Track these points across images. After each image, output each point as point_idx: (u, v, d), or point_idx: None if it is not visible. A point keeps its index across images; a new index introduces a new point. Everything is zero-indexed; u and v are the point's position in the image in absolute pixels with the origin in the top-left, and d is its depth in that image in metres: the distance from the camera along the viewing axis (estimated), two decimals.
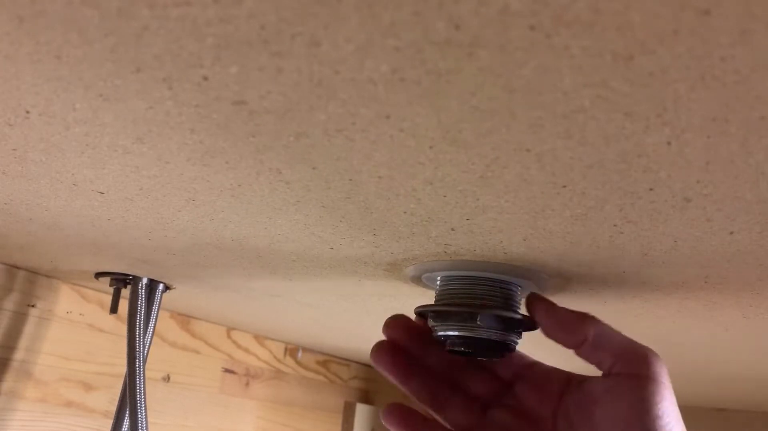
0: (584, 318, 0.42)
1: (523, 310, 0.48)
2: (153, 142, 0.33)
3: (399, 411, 0.46)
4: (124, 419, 0.72)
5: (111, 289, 0.73)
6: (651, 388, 0.38)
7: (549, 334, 0.43)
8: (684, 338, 0.66)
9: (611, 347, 0.41)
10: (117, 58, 0.26)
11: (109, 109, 0.30)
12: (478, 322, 0.44)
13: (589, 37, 0.21)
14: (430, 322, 0.48)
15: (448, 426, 0.46)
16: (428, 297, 0.59)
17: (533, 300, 0.45)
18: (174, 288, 0.74)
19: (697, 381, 0.97)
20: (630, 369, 0.40)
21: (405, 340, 0.47)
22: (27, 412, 0.77)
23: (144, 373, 0.71)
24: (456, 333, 0.46)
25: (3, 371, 0.75)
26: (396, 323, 0.47)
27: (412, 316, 0.49)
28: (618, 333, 0.42)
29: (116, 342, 0.87)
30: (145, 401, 0.70)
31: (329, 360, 1.26)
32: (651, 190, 0.32)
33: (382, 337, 0.49)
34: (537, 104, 0.25)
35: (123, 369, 0.72)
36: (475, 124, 0.27)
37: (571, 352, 0.43)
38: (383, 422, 0.46)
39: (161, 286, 0.73)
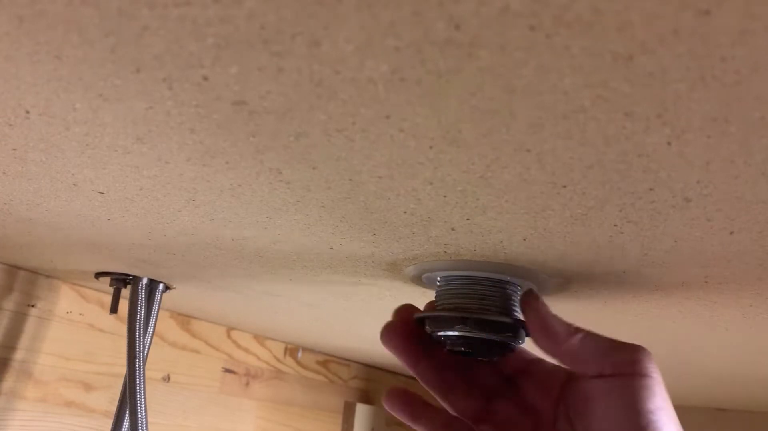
0: (568, 330, 0.42)
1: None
2: (153, 142, 0.33)
3: (400, 394, 0.46)
4: (124, 419, 0.72)
5: (111, 289, 0.73)
6: (641, 384, 0.38)
7: (534, 340, 0.43)
8: (684, 338, 0.66)
9: (595, 356, 0.41)
10: (117, 58, 0.26)
11: (109, 109, 0.30)
12: (475, 326, 0.44)
13: (589, 37, 0.21)
14: (429, 325, 0.48)
15: (452, 412, 0.46)
16: (428, 297, 0.59)
17: (526, 299, 0.44)
18: (174, 288, 0.74)
19: (697, 381, 0.97)
20: (618, 369, 0.40)
21: (415, 326, 0.48)
22: (27, 412, 0.77)
23: (144, 373, 0.71)
24: (456, 333, 0.46)
25: (3, 371, 0.75)
26: (406, 309, 0.48)
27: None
28: (602, 340, 0.41)
29: (116, 342, 0.87)
30: (145, 401, 0.70)
31: (329, 360, 1.26)
32: (651, 190, 0.32)
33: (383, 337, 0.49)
34: (537, 104, 0.25)
35: (123, 369, 0.72)
36: (475, 124, 0.27)
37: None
38: (384, 405, 0.46)
39: (161, 286, 0.73)
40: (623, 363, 0.40)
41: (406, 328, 0.47)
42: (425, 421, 0.45)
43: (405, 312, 0.48)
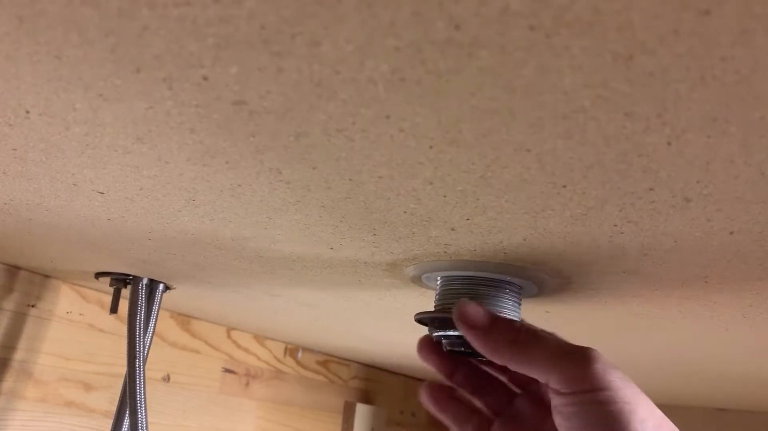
0: (513, 337, 0.40)
1: (522, 313, 0.48)
2: (153, 142, 0.33)
3: (432, 388, 0.48)
4: (124, 419, 0.72)
5: (111, 289, 0.73)
6: (605, 410, 0.35)
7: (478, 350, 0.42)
8: (684, 338, 0.66)
9: (544, 362, 0.38)
10: (117, 58, 0.26)
11: (109, 109, 0.30)
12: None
13: (589, 37, 0.21)
14: (430, 326, 0.48)
15: (484, 409, 0.48)
16: (428, 297, 0.59)
17: (457, 311, 0.42)
18: (174, 288, 0.74)
19: (697, 381, 0.97)
20: (574, 386, 0.36)
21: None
22: (27, 412, 0.77)
23: (144, 373, 0.71)
24: (455, 333, 0.46)
25: (3, 371, 0.75)
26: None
27: (412, 317, 0.50)
28: (550, 344, 0.38)
29: (116, 342, 0.87)
30: (145, 401, 0.70)
31: (329, 360, 1.26)
32: (651, 189, 0.32)
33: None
34: (537, 104, 0.25)
35: (123, 369, 0.72)
36: (475, 124, 0.27)
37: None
38: (422, 400, 0.49)
39: (161, 286, 0.73)
40: (575, 379, 0.37)
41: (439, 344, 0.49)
42: (450, 412, 0.48)
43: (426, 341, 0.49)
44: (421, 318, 0.48)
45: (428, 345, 0.48)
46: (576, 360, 0.37)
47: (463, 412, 0.48)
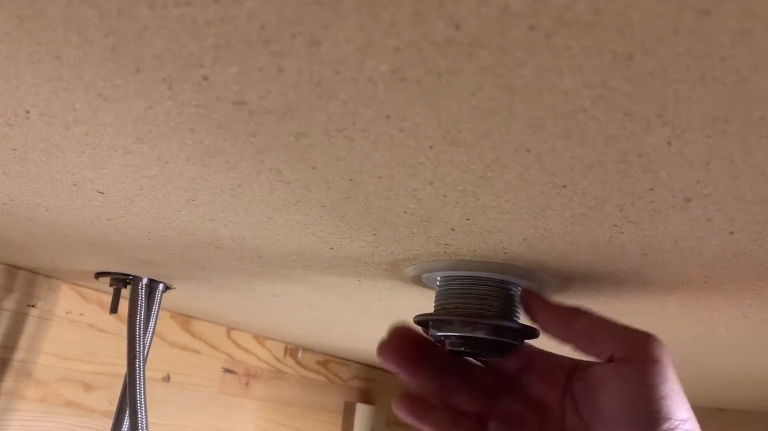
0: (577, 311, 0.43)
1: (522, 314, 0.48)
2: (153, 142, 0.33)
3: (405, 398, 0.47)
4: (124, 419, 0.72)
5: (111, 289, 0.73)
6: (653, 370, 0.38)
7: (546, 329, 0.44)
8: (684, 338, 0.66)
9: (608, 336, 0.41)
10: (117, 58, 0.26)
11: (109, 109, 0.30)
12: (475, 326, 0.45)
13: (589, 37, 0.21)
14: (430, 327, 0.48)
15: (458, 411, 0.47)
16: (428, 297, 0.59)
17: (527, 298, 0.45)
18: (174, 288, 0.74)
19: (697, 381, 0.97)
20: (630, 354, 0.40)
21: (409, 339, 0.48)
22: (27, 412, 0.77)
23: (144, 373, 0.71)
24: (455, 334, 0.46)
25: (3, 371, 0.75)
26: (398, 327, 0.48)
27: (412, 316, 0.49)
28: (613, 322, 0.42)
29: (116, 342, 0.87)
30: (145, 401, 0.70)
31: (329, 360, 1.26)
32: (651, 190, 0.32)
33: (383, 336, 0.49)
34: (537, 104, 0.25)
35: (123, 369, 0.72)
36: (475, 124, 0.27)
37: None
38: (395, 411, 0.47)
39: (161, 286, 0.73)
40: (636, 348, 0.40)
41: (400, 343, 0.47)
42: (430, 421, 0.46)
43: (398, 330, 0.48)
44: (421, 320, 0.48)
45: (388, 346, 0.46)
46: (644, 333, 0.40)
47: (447, 417, 0.46)
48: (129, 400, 0.70)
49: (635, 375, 0.39)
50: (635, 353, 0.39)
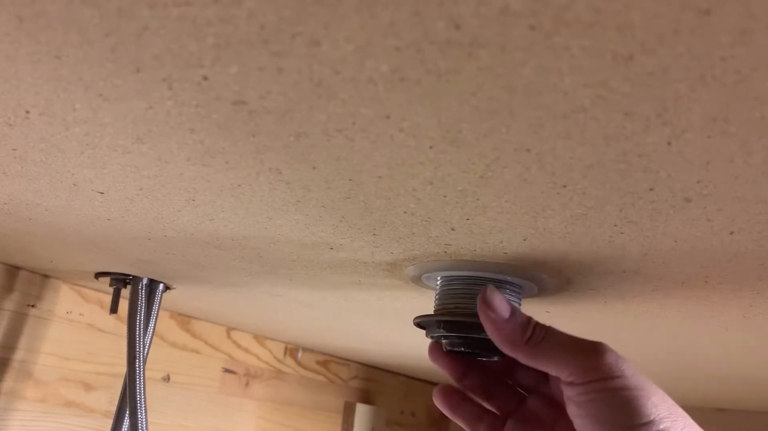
0: (530, 333, 0.41)
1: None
2: (153, 142, 0.33)
3: (444, 390, 0.49)
4: (124, 419, 0.72)
5: (111, 289, 0.73)
6: (619, 395, 0.37)
7: (492, 339, 0.43)
8: (684, 338, 0.66)
9: (559, 356, 0.39)
10: (117, 58, 0.26)
11: (109, 109, 0.30)
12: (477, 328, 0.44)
13: (589, 37, 0.21)
14: (430, 329, 0.48)
15: (490, 408, 0.49)
16: (428, 297, 0.59)
17: (480, 298, 0.43)
18: (174, 288, 0.74)
19: (697, 381, 0.97)
20: (589, 376, 0.38)
21: None
22: (27, 412, 0.77)
23: (144, 373, 0.71)
24: (456, 334, 0.46)
25: (3, 371, 0.75)
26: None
27: (412, 316, 0.50)
28: (563, 339, 0.40)
29: (116, 342, 0.87)
30: (145, 401, 0.70)
31: (329, 360, 1.26)
32: (651, 190, 0.32)
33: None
34: (537, 104, 0.25)
35: (123, 369, 0.72)
36: (475, 124, 0.27)
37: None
38: (435, 403, 0.49)
39: (161, 286, 0.73)
40: (589, 369, 0.38)
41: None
42: (462, 413, 0.48)
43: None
44: (420, 322, 0.48)
45: (439, 349, 0.49)
46: (588, 352, 0.39)
47: (476, 412, 0.48)
48: (129, 400, 0.70)
49: (602, 403, 0.37)
50: (591, 374, 0.38)
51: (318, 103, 0.27)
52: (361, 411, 1.28)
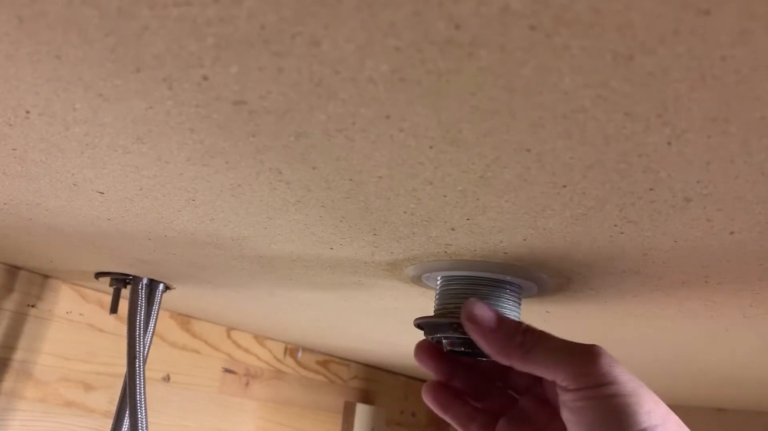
0: (519, 339, 0.40)
1: (522, 313, 0.48)
2: (153, 142, 0.33)
3: (434, 387, 0.48)
4: (124, 419, 0.72)
5: (111, 289, 0.73)
6: (612, 403, 0.36)
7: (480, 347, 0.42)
8: (684, 338, 0.66)
9: (550, 361, 0.39)
10: (117, 58, 0.26)
11: (109, 109, 0.30)
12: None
13: (589, 37, 0.21)
14: (431, 329, 0.48)
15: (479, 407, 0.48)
16: (428, 297, 0.59)
17: (464, 309, 0.43)
18: (174, 288, 0.74)
19: (697, 381, 0.97)
20: (581, 382, 0.38)
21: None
22: (27, 412, 0.77)
23: (144, 373, 0.71)
24: (456, 334, 0.46)
25: (3, 371, 0.75)
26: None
27: (412, 317, 0.49)
28: (554, 343, 0.40)
29: (116, 342, 0.87)
30: (145, 401, 0.70)
31: (329, 360, 1.26)
32: (651, 190, 0.32)
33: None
34: (537, 104, 0.25)
35: (123, 369, 0.72)
36: (475, 124, 0.27)
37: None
38: (424, 400, 0.49)
39: (161, 286, 0.73)
40: (582, 375, 0.38)
41: (435, 347, 0.49)
42: (453, 412, 0.48)
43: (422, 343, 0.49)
44: (420, 323, 0.48)
45: (426, 350, 0.48)
46: (582, 357, 0.39)
47: (467, 411, 0.48)
48: (129, 400, 0.70)
49: (596, 411, 0.37)
50: (584, 381, 0.38)
51: (318, 103, 0.27)
52: (361, 411, 1.28)
